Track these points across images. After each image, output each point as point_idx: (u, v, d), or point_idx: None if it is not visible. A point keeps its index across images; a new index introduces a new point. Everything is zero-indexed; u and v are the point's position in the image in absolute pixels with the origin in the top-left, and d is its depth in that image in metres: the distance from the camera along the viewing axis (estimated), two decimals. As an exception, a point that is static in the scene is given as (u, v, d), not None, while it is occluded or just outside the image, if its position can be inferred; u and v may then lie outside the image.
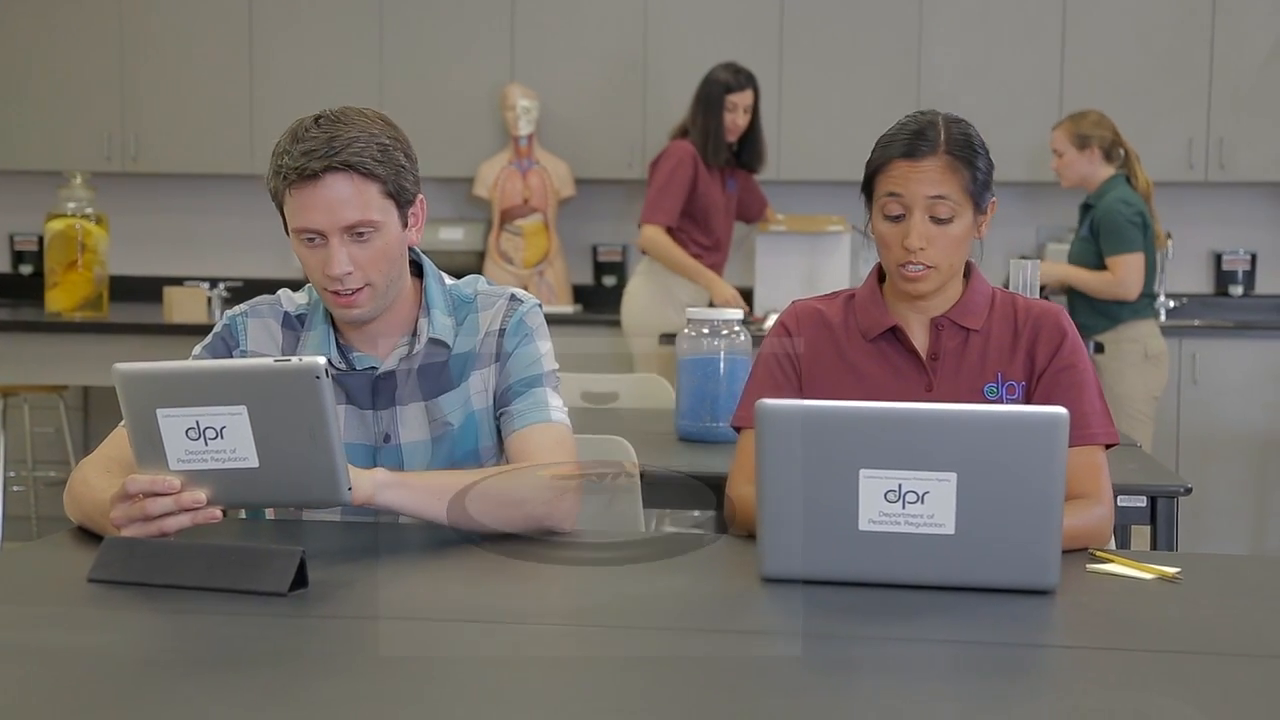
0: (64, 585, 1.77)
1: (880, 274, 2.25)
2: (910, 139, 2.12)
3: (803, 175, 5.94)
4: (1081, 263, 4.85)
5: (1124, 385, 4.78)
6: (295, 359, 1.79)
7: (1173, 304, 6.00)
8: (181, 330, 5.09)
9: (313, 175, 2.02)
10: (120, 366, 1.83)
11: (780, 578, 1.77)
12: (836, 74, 5.90)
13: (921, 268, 2.13)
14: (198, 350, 2.21)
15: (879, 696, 1.38)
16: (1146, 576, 1.83)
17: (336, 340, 2.18)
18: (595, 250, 6.33)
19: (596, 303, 6.20)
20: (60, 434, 5.46)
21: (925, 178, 2.11)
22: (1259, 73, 5.77)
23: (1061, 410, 1.70)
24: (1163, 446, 5.39)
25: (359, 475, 1.90)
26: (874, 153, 2.17)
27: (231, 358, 2.18)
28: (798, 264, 5.53)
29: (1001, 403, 2.16)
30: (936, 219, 2.12)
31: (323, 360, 1.78)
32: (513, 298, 2.23)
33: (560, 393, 2.21)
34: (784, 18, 5.91)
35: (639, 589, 1.78)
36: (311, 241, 2.07)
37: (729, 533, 2.18)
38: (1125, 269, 4.74)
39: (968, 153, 2.13)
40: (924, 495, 1.71)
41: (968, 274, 2.23)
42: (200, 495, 1.82)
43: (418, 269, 2.22)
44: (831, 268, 5.53)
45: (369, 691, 1.35)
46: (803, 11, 5.91)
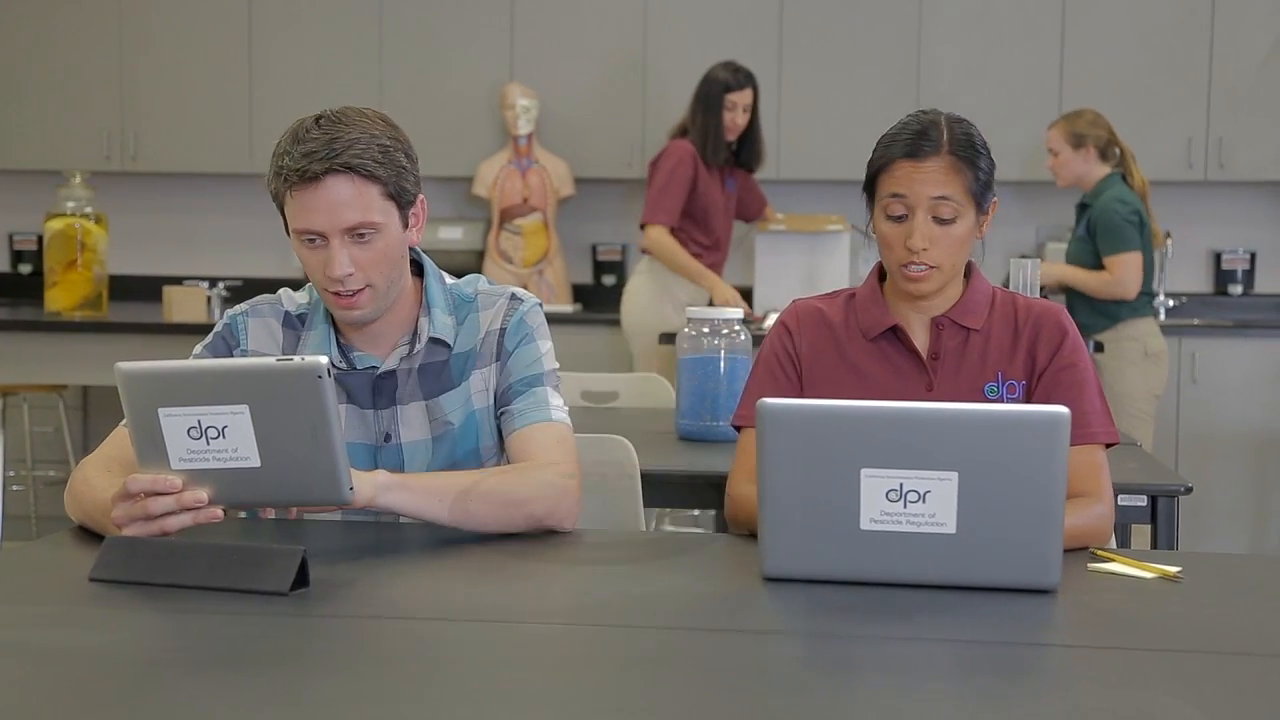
0: (65, 584, 1.77)
1: (881, 273, 2.25)
2: (913, 139, 2.12)
3: (802, 174, 5.94)
4: (1079, 262, 4.85)
5: (1124, 384, 4.78)
6: (298, 358, 1.79)
7: (1172, 303, 6.01)
8: (181, 330, 5.09)
9: (314, 177, 2.01)
10: (122, 365, 1.83)
11: (782, 577, 1.77)
12: (836, 73, 5.90)
13: (924, 268, 2.13)
14: (198, 349, 2.21)
15: (880, 696, 1.38)
16: (1148, 576, 1.83)
17: (337, 339, 2.18)
18: (595, 249, 6.33)
19: (596, 302, 6.20)
20: (60, 433, 5.46)
21: (929, 178, 2.11)
22: (1258, 72, 5.78)
23: (1063, 410, 1.70)
24: (1162, 445, 5.39)
25: (360, 478, 1.90)
26: (876, 152, 2.17)
27: (232, 357, 2.18)
28: (797, 263, 5.53)
29: (1002, 402, 2.16)
30: (939, 219, 2.12)
31: (325, 360, 1.78)
32: (513, 297, 2.22)
33: (561, 392, 2.21)
34: (783, 17, 5.91)
35: (640, 588, 1.78)
36: (312, 243, 2.06)
37: (729, 532, 2.18)
38: (1123, 268, 4.74)
39: (970, 153, 2.13)
40: (925, 495, 1.71)
41: (968, 273, 2.23)
42: (202, 494, 1.82)
43: (418, 268, 2.22)
44: (831, 267, 5.54)
45: (370, 690, 1.35)
46: (802, 10, 5.91)
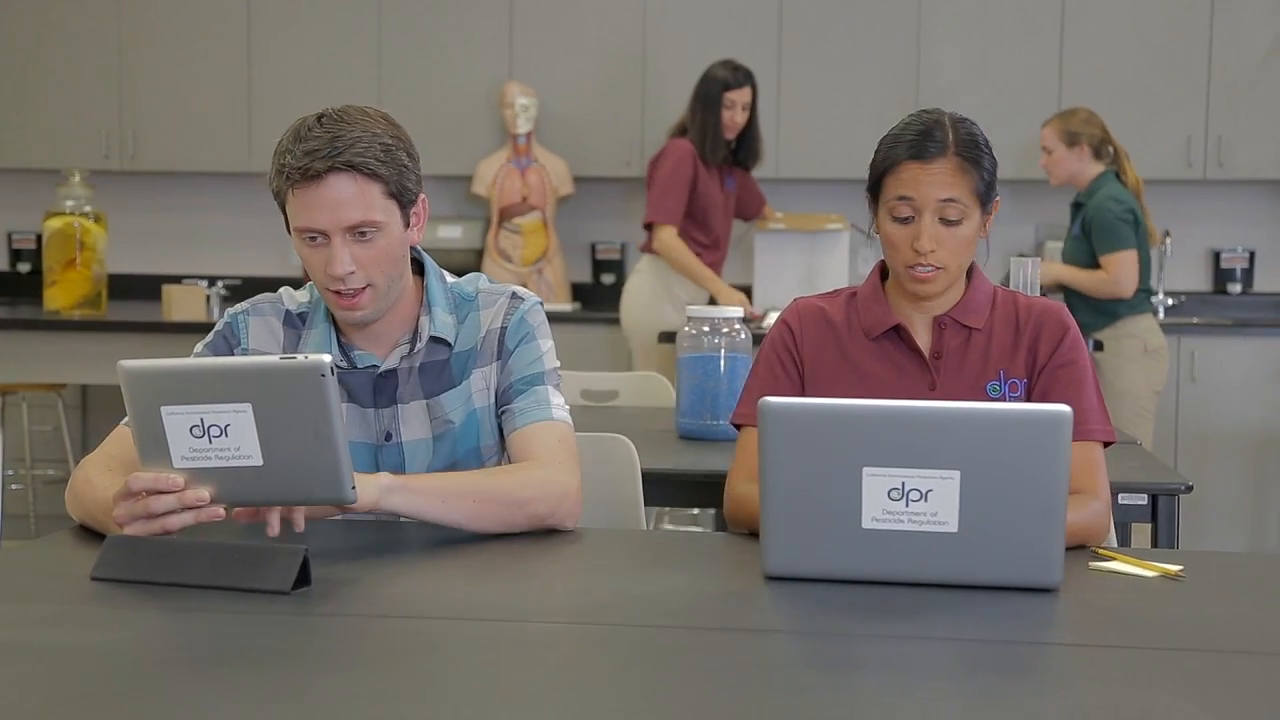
0: (67, 584, 1.77)
1: (883, 272, 2.25)
2: (919, 139, 2.11)
3: (801, 173, 5.94)
4: (1075, 262, 4.85)
5: (1125, 381, 4.78)
6: (301, 356, 1.78)
7: (1171, 302, 6.01)
8: (180, 328, 5.09)
9: (316, 175, 2.01)
10: (125, 363, 1.82)
11: (783, 576, 1.77)
12: (835, 72, 5.90)
13: (931, 269, 2.13)
14: (199, 348, 2.21)
15: (882, 694, 1.38)
16: (1149, 574, 1.83)
17: (338, 338, 2.18)
18: (594, 248, 6.33)
19: (595, 301, 6.20)
20: (59, 432, 5.46)
21: (936, 180, 2.10)
22: (1257, 70, 5.78)
23: (1065, 409, 1.70)
24: (1161, 444, 5.39)
25: (363, 481, 1.89)
26: (880, 153, 2.16)
27: (233, 356, 2.17)
28: (797, 262, 5.54)
29: (1004, 401, 2.16)
30: (946, 220, 2.12)
31: (328, 358, 1.77)
32: (514, 296, 2.22)
33: (562, 390, 2.21)
34: (783, 15, 5.91)
35: (642, 587, 1.78)
36: (314, 241, 2.06)
37: (729, 531, 2.18)
38: (1119, 267, 4.74)
39: (976, 153, 2.12)
40: (927, 493, 1.71)
41: (969, 273, 2.23)
42: (204, 493, 1.82)
43: (419, 267, 2.22)
44: (830, 266, 5.54)
45: (372, 689, 1.35)
46: (802, 9, 5.91)
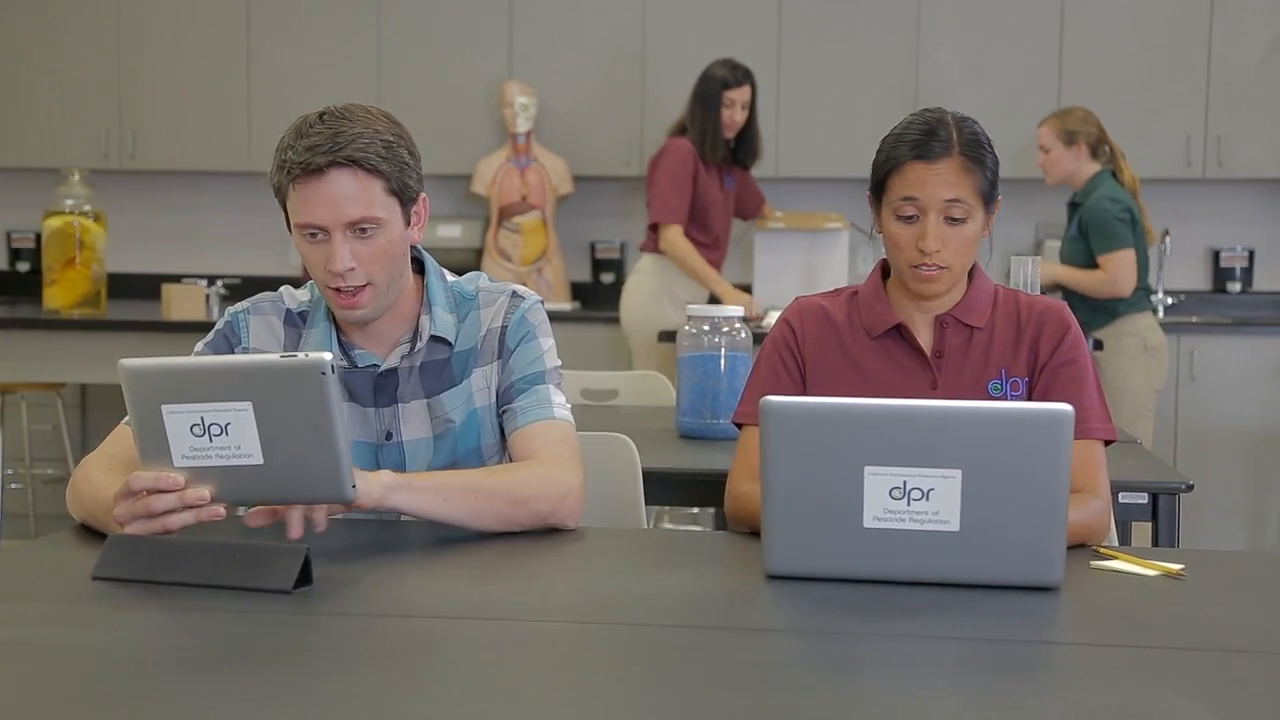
0: (68, 583, 1.77)
1: (884, 271, 2.25)
2: (923, 139, 2.11)
3: (801, 172, 5.94)
4: (1072, 262, 4.85)
5: (1125, 379, 4.78)
6: (302, 355, 1.78)
7: (1170, 301, 6.01)
8: (180, 327, 5.09)
9: (317, 170, 2.01)
10: (126, 362, 1.82)
11: (785, 575, 1.77)
12: (835, 71, 5.90)
13: (935, 269, 2.13)
14: (199, 347, 2.20)
15: (884, 694, 1.38)
16: (1150, 573, 1.83)
17: (339, 337, 2.18)
18: (593, 247, 6.33)
19: (594, 300, 6.20)
20: (58, 431, 5.46)
21: (941, 180, 2.10)
22: (1257, 69, 5.78)
23: (1067, 408, 1.70)
24: (1161, 443, 5.39)
25: (366, 479, 1.89)
26: (883, 152, 2.16)
27: (233, 354, 2.17)
28: (796, 261, 5.54)
29: (1006, 399, 2.16)
30: (951, 219, 2.12)
31: (329, 356, 1.77)
32: (514, 294, 2.22)
33: (563, 389, 2.21)
34: (782, 14, 5.91)
35: (643, 586, 1.78)
36: (314, 237, 2.06)
37: (729, 530, 2.18)
38: (1117, 266, 4.74)
39: (980, 153, 2.12)
40: (929, 492, 1.71)
41: (971, 272, 2.23)
42: (204, 492, 1.82)
43: (419, 266, 2.22)
44: (830, 265, 5.54)
45: (374, 688, 1.35)
46: (801, 8, 5.91)
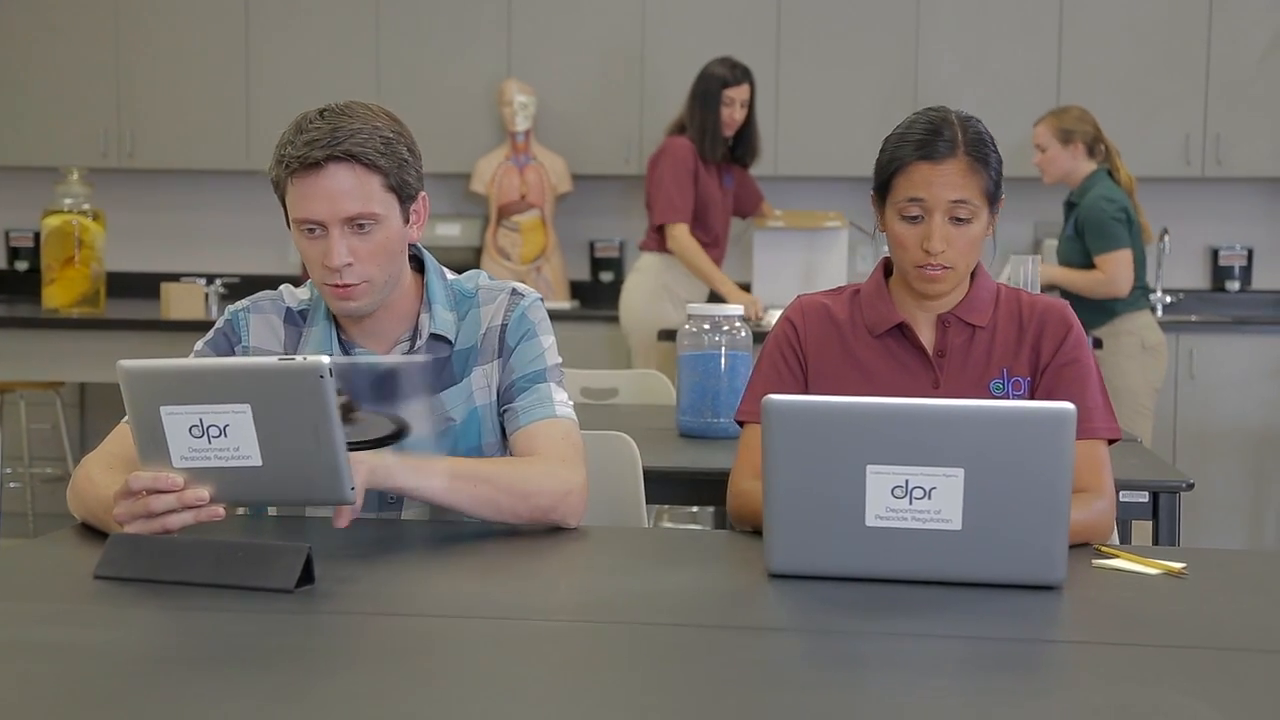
0: (69, 582, 1.77)
1: (886, 270, 2.25)
2: (928, 139, 2.10)
3: (800, 171, 5.94)
4: (1069, 262, 4.85)
5: (1124, 378, 4.78)
6: (300, 358, 1.78)
7: (1169, 300, 6.01)
8: (179, 326, 5.08)
9: (315, 164, 2.01)
10: (125, 363, 1.82)
11: (787, 573, 1.77)
12: (834, 69, 5.90)
13: (940, 269, 2.13)
14: (199, 346, 2.20)
15: (886, 692, 1.38)
16: (1152, 572, 1.83)
17: (339, 336, 2.17)
18: (592, 246, 6.33)
19: (594, 299, 6.20)
20: (57, 430, 5.46)
21: (947, 181, 2.09)
22: (1256, 68, 5.78)
23: (1069, 406, 1.70)
24: (1160, 441, 5.39)
25: (371, 458, 1.90)
26: (887, 152, 2.15)
27: (233, 353, 2.17)
28: (796, 259, 5.54)
29: (1008, 398, 2.16)
30: (956, 220, 2.11)
31: (327, 359, 1.77)
32: (514, 292, 2.22)
33: (565, 386, 2.20)
34: (781, 13, 5.91)
35: (645, 585, 1.78)
36: (312, 233, 2.06)
37: (730, 528, 2.18)
38: (1114, 266, 4.74)
39: (984, 152, 2.12)
40: (931, 491, 1.70)
41: (973, 271, 2.22)
42: (203, 493, 1.82)
43: (419, 264, 2.22)
44: (829, 263, 5.54)
45: (375, 687, 1.35)
46: (800, 7, 5.90)
